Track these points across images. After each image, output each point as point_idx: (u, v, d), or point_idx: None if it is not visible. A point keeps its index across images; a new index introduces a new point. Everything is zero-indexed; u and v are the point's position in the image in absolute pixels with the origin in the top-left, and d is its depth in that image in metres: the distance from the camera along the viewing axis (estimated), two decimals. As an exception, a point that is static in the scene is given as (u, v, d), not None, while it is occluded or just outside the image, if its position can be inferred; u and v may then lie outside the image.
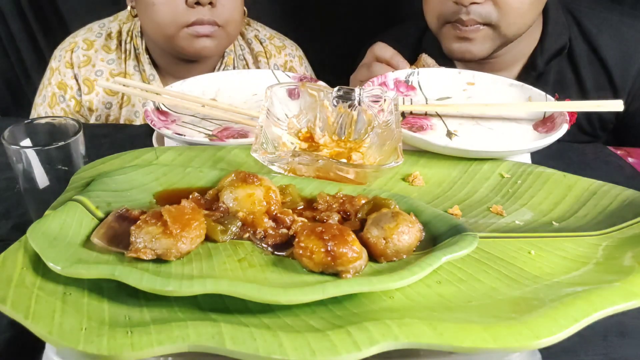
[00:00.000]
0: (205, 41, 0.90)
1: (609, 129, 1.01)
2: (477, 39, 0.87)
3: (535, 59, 0.95)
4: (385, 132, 0.57)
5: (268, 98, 0.59)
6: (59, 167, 0.55)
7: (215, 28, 0.90)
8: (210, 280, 0.36)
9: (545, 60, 0.95)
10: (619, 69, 0.95)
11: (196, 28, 0.88)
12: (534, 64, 0.95)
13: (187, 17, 0.87)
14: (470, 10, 0.84)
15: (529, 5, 0.85)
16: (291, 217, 0.45)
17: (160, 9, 0.87)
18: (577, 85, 0.97)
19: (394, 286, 0.37)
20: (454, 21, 0.87)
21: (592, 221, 0.51)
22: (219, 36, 0.91)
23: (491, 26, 0.86)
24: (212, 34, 0.90)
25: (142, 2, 0.89)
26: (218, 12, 0.89)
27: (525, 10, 0.86)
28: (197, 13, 0.87)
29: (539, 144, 0.62)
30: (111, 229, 0.42)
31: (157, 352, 0.33)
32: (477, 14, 0.84)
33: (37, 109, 1.00)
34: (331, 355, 0.32)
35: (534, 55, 0.96)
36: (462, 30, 0.87)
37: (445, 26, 0.89)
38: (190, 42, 0.90)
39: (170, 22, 0.88)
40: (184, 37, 0.89)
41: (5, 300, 0.35)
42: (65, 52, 0.99)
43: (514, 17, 0.85)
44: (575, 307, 0.36)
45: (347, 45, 1.20)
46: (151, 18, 0.89)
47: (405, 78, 0.79)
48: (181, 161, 0.57)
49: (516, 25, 0.87)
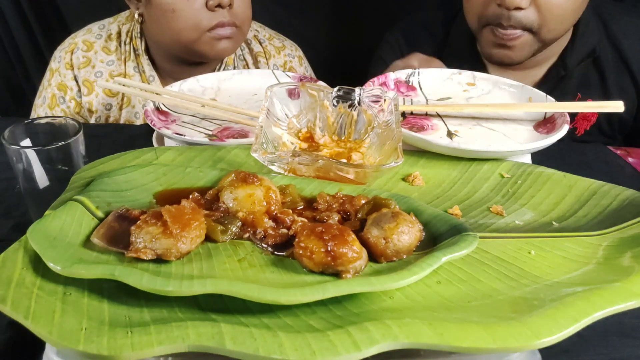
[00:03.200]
0: (226, 43, 0.92)
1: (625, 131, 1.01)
2: (517, 46, 0.88)
3: (565, 59, 0.95)
4: (385, 132, 0.57)
5: (268, 98, 0.59)
6: (59, 167, 0.55)
7: (234, 29, 0.91)
8: (210, 281, 0.36)
9: (576, 61, 0.95)
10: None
11: (218, 31, 0.89)
12: (564, 64, 0.95)
13: (209, 20, 0.88)
14: (512, 15, 0.84)
15: (571, 12, 0.86)
16: (291, 217, 0.45)
17: (181, 15, 0.87)
18: (601, 88, 0.97)
19: (394, 286, 0.37)
20: (495, 24, 0.87)
21: (592, 221, 0.51)
22: (236, 36, 0.93)
23: (531, 32, 0.86)
24: (232, 35, 0.91)
25: (159, 9, 0.89)
26: (235, 13, 0.90)
27: (566, 17, 0.86)
28: (218, 16, 0.88)
29: (540, 144, 0.62)
30: (111, 229, 0.42)
31: (157, 352, 0.33)
32: (518, 19, 0.85)
33: (37, 110, 1.00)
34: (331, 355, 0.32)
35: (564, 55, 0.96)
36: (501, 36, 0.87)
37: (485, 28, 0.90)
38: (212, 46, 0.91)
39: (192, 27, 0.88)
40: (206, 41, 0.90)
41: (5, 300, 0.35)
42: (65, 53, 0.99)
43: (555, 23, 0.86)
44: (575, 307, 0.36)
45: (348, 45, 1.21)
46: (170, 25, 0.89)
47: (405, 78, 0.79)
48: (181, 161, 0.57)
49: (556, 31, 0.87)
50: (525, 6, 0.83)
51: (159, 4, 0.88)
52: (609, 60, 0.96)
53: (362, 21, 1.34)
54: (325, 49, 1.31)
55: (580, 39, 0.94)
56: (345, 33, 1.33)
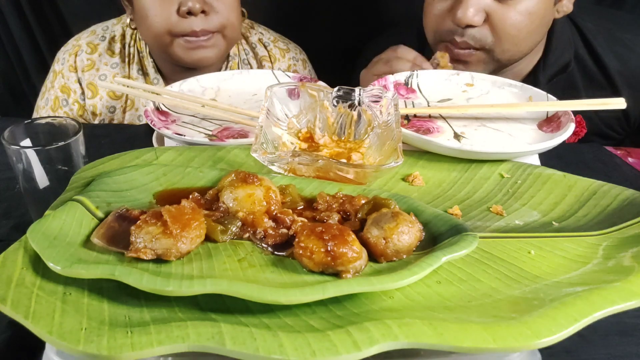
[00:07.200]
0: (204, 51, 0.90)
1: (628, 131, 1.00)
2: (471, 62, 0.87)
3: (537, 75, 0.94)
4: (385, 132, 0.57)
5: (268, 98, 0.59)
6: (59, 167, 0.55)
7: (210, 36, 0.89)
8: (210, 280, 0.36)
9: (548, 76, 0.94)
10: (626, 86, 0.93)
11: (189, 39, 0.88)
12: (535, 81, 0.93)
13: (180, 27, 0.87)
14: (465, 32, 0.84)
15: (526, 33, 0.84)
16: (291, 217, 0.45)
17: (154, 20, 0.87)
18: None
19: (394, 286, 0.37)
20: (448, 41, 0.87)
21: (592, 221, 0.51)
22: (216, 43, 0.91)
23: (485, 50, 0.85)
24: (208, 43, 0.89)
25: (138, 14, 0.90)
26: (211, 20, 0.88)
27: (521, 39, 0.85)
28: (190, 23, 0.86)
29: (549, 144, 0.61)
30: (111, 229, 0.42)
31: (157, 352, 0.33)
32: (471, 37, 0.84)
33: (40, 111, 1.00)
34: (331, 355, 0.32)
35: (536, 71, 0.95)
36: (455, 52, 0.86)
37: (441, 44, 0.89)
38: (187, 53, 0.89)
39: (165, 33, 0.88)
40: (179, 46, 0.89)
41: (5, 300, 0.35)
42: (69, 55, 0.98)
43: (509, 44, 0.85)
44: (575, 307, 0.36)
45: (347, 45, 1.21)
46: (147, 30, 0.89)
47: (405, 80, 0.79)
48: (181, 161, 0.57)
49: (510, 52, 0.86)
50: (477, 24, 0.82)
51: (138, 9, 0.89)
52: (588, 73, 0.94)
53: (363, 21, 1.34)
54: (326, 49, 1.30)
55: (553, 54, 0.93)
56: (345, 33, 1.33)
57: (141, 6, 0.88)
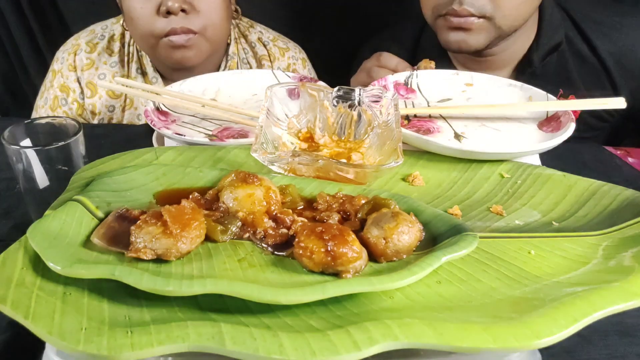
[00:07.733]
0: (184, 52, 0.89)
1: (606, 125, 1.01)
2: (473, 30, 0.87)
3: (531, 55, 0.95)
4: (385, 132, 0.57)
5: (268, 98, 0.59)
6: (59, 167, 0.55)
7: (191, 36, 0.88)
8: (210, 280, 0.36)
9: (541, 56, 0.95)
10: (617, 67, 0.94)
11: (171, 38, 0.87)
12: (529, 60, 0.96)
13: (161, 27, 0.87)
14: (463, 1, 0.84)
15: None
16: (291, 217, 0.45)
17: (138, 22, 0.87)
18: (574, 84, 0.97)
19: (394, 286, 0.37)
20: (447, 13, 0.87)
21: (592, 221, 0.51)
22: (197, 44, 0.90)
23: (486, 18, 0.86)
24: (189, 43, 0.88)
25: (126, 16, 0.90)
26: (192, 19, 0.87)
27: (519, 3, 0.86)
28: (171, 22, 0.86)
29: (551, 144, 0.61)
30: (111, 229, 0.42)
31: (157, 352, 0.33)
32: (470, 4, 0.84)
33: (39, 110, 1.00)
34: (331, 355, 0.32)
35: (530, 51, 0.96)
36: (456, 21, 0.86)
37: (440, 18, 0.89)
38: (169, 53, 0.89)
39: (149, 34, 0.88)
40: (162, 47, 0.89)
41: (5, 300, 0.35)
42: (69, 54, 0.98)
43: (509, 9, 0.85)
44: (575, 307, 0.36)
45: (347, 45, 1.21)
46: (134, 30, 0.90)
47: (404, 80, 0.79)
48: (181, 161, 0.57)
49: (511, 16, 0.87)
50: None
51: (125, 12, 0.90)
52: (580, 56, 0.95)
53: (363, 21, 1.34)
54: (326, 48, 1.30)
55: (545, 35, 0.94)
56: (345, 33, 1.33)
57: (127, 9, 0.88)
